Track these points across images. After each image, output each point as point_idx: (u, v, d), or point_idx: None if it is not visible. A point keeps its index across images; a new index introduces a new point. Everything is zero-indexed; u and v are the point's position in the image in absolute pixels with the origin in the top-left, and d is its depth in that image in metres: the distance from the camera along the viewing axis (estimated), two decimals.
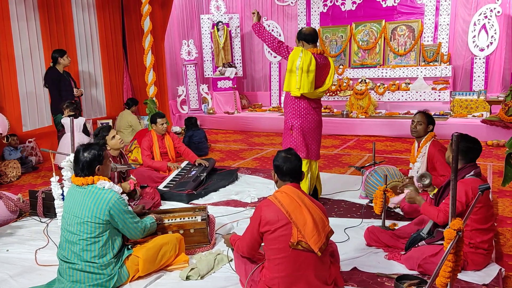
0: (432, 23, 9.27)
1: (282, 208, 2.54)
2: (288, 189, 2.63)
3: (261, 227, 2.57)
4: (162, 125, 5.40)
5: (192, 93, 10.39)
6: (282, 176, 2.69)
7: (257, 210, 2.63)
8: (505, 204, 4.42)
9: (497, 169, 5.70)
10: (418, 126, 4.20)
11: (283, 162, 2.66)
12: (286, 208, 2.54)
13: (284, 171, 2.66)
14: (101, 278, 2.80)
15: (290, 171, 2.66)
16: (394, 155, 6.72)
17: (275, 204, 2.57)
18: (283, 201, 2.57)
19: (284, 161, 2.66)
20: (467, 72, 9.09)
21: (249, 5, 11.30)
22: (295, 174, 2.68)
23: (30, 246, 3.64)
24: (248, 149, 7.62)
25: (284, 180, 2.69)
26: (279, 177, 2.70)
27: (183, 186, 4.88)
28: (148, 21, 7.52)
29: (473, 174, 3.03)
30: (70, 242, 2.80)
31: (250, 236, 2.66)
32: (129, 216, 2.89)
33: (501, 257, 3.29)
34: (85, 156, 2.86)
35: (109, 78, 8.66)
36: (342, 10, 10.18)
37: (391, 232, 3.43)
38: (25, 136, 6.77)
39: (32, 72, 7.06)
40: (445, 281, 2.13)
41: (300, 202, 2.58)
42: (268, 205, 2.59)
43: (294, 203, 2.57)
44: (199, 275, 3.02)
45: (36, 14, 7.09)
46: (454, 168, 2.17)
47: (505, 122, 7.31)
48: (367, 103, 9.04)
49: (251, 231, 2.65)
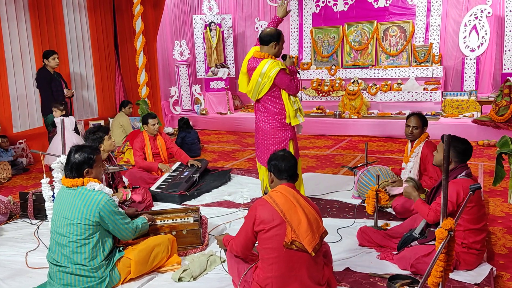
0: (423, 24, 9.32)
1: (276, 207, 2.54)
2: (283, 189, 2.64)
3: (256, 226, 2.57)
4: (154, 126, 5.38)
5: (184, 94, 10.36)
6: (279, 175, 2.69)
7: (252, 209, 2.62)
8: (496, 204, 4.45)
9: (488, 168, 5.74)
10: (414, 130, 4.18)
11: (281, 160, 2.68)
12: (281, 207, 2.54)
13: (282, 169, 2.67)
14: (92, 280, 2.77)
15: (288, 168, 2.67)
16: (386, 155, 6.75)
17: (270, 203, 2.57)
18: (278, 200, 2.56)
19: (282, 159, 2.68)
20: (458, 72, 9.16)
21: (242, 6, 11.31)
22: (292, 172, 2.69)
23: (20, 248, 3.60)
24: (241, 149, 7.61)
25: (280, 179, 2.69)
26: (276, 176, 2.70)
27: (176, 187, 4.86)
28: (140, 22, 7.49)
29: (465, 175, 3.05)
30: (60, 244, 2.78)
31: (244, 235, 2.66)
32: (119, 217, 2.87)
33: (493, 256, 3.31)
34: (75, 158, 2.83)
35: (100, 79, 8.61)
36: (334, 10, 10.21)
37: (383, 232, 3.44)
38: (15, 138, 6.71)
39: (22, 73, 6.99)
40: (437, 280, 2.13)
41: (295, 202, 2.58)
42: (263, 204, 2.59)
43: (289, 202, 2.57)
44: (192, 277, 3.01)
45: (27, 15, 7.03)
46: (445, 168, 2.18)
47: (496, 122, 7.37)
48: (360, 104, 9.07)
49: (245, 230, 2.65)
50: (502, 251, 3.41)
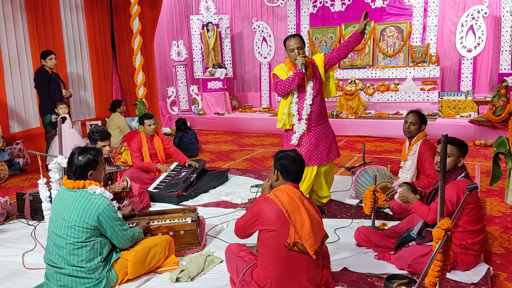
0: (420, 24, 9.34)
1: (282, 207, 2.51)
2: (288, 189, 2.61)
3: (259, 224, 2.54)
4: (150, 126, 5.37)
5: (182, 94, 10.35)
6: (286, 176, 2.66)
7: (256, 206, 2.59)
8: (493, 204, 4.46)
9: (485, 168, 5.76)
10: (411, 126, 4.21)
11: (292, 162, 2.66)
12: (286, 207, 2.51)
13: (292, 171, 2.65)
14: (89, 282, 2.76)
15: (298, 172, 2.67)
16: (383, 155, 6.76)
17: (275, 202, 2.53)
18: (283, 199, 2.54)
19: (293, 161, 2.66)
20: (455, 72, 9.19)
21: (239, 6, 11.31)
22: (299, 175, 2.69)
23: (17, 249, 3.59)
24: (239, 150, 7.61)
25: (286, 179, 2.67)
26: (283, 177, 2.67)
27: (173, 187, 4.86)
28: (137, 22, 7.48)
29: (464, 176, 3.06)
30: (57, 246, 2.76)
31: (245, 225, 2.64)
32: (118, 223, 2.86)
33: (490, 256, 3.32)
34: (80, 160, 2.81)
35: (98, 80, 8.59)
36: (331, 11, 10.23)
37: (381, 232, 3.44)
38: (12, 138, 6.68)
39: (19, 74, 6.97)
40: (434, 280, 2.14)
41: (299, 203, 2.56)
42: (268, 202, 2.55)
43: (293, 203, 2.55)
44: (189, 277, 3.00)
45: (24, 15, 7.01)
46: (442, 167, 2.18)
47: (493, 122, 7.39)
48: (357, 104, 9.08)
49: (247, 221, 2.62)
50: (499, 250, 3.42)
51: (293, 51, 3.87)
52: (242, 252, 2.82)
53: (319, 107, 4.03)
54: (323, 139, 4.05)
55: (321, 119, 4.06)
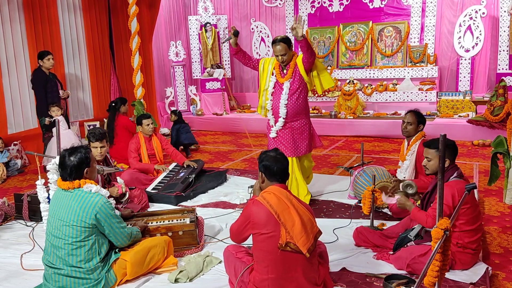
0: (418, 25, 9.36)
1: (271, 209, 2.52)
2: (276, 190, 2.61)
3: (251, 228, 2.56)
4: (148, 126, 5.36)
5: (180, 95, 10.34)
6: (271, 177, 2.66)
7: (247, 209, 2.60)
8: (491, 203, 4.47)
9: (483, 168, 5.77)
10: (408, 126, 4.21)
11: (274, 162, 2.64)
12: (275, 208, 2.52)
13: (275, 172, 2.64)
14: (88, 283, 2.76)
15: (281, 171, 2.65)
16: (382, 155, 6.77)
17: (263, 204, 2.54)
18: (271, 201, 2.54)
19: (276, 161, 2.65)
20: (453, 72, 9.20)
21: (237, 6, 11.31)
22: (284, 174, 2.67)
23: (15, 250, 3.58)
24: (237, 150, 7.61)
25: (271, 180, 2.67)
26: (268, 178, 2.67)
27: (172, 188, 4.85)
28: (135, 22, 7.47)
29: (457, 176, 3.05)
30: (55, 246, 2.76)
31: (238, 229, 2.66)
32: (116, 220, 2.86)
33: (488, 255, 3.32)
34: (72, 160, 2.80)
35: (96, 80, 8.57)
36: (329, 11, 10.24)
37: (379, 232, 3.44)
38: (10, 139, 6.67)
39: (16, 74, 6.95)
40: (433, 280, 2.14)
41: (288, 203, 2.57)
42: (257, 205, 2.56)
43: (282, 203, 2.55)
44: (188, 278, 3.00)
45: (21, 15, 6.99)
46: (441, 168, 2.19)
47: (491, 122, 7.41)
48: (355, 104, 9.08)
49: (240, 225, 2.64)
50: (498, 250, 3.42)
51: (278, 57, 4.20)
52: (240, 253, 2.83)
53: (295, 106, 4.26)
54: (297, 134, 4.32)
55: (296, 116, 4.30)
